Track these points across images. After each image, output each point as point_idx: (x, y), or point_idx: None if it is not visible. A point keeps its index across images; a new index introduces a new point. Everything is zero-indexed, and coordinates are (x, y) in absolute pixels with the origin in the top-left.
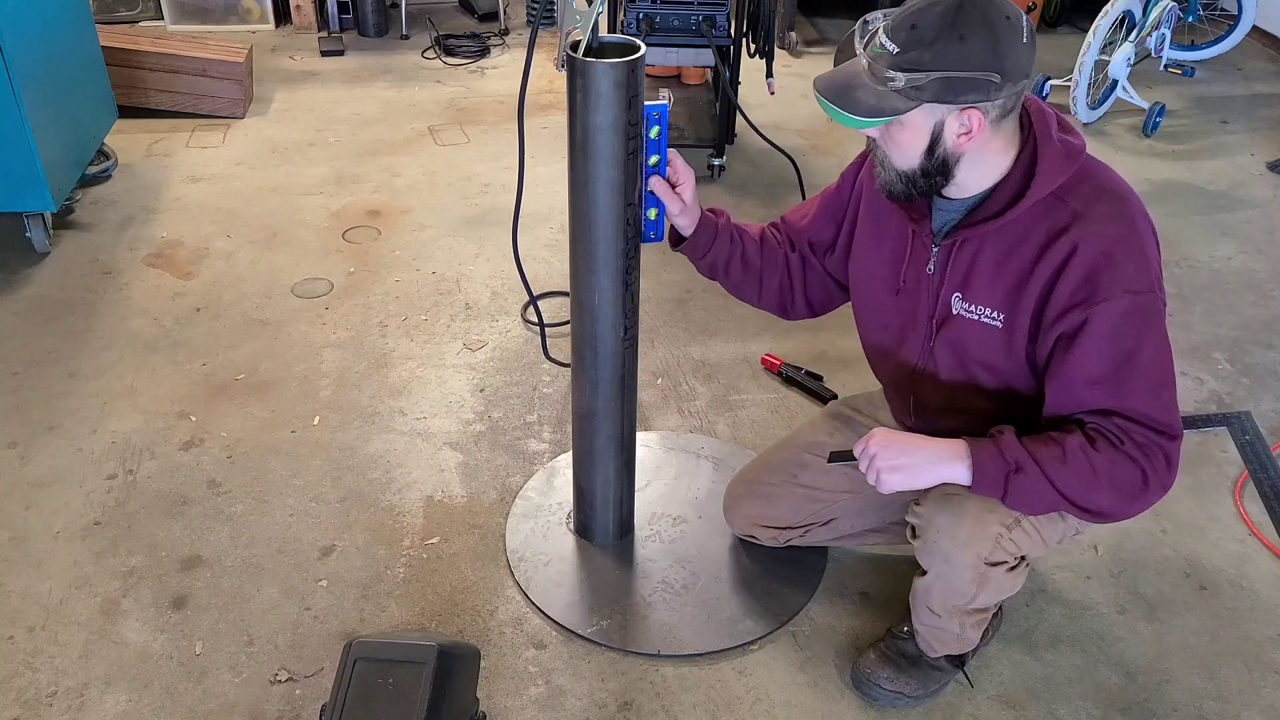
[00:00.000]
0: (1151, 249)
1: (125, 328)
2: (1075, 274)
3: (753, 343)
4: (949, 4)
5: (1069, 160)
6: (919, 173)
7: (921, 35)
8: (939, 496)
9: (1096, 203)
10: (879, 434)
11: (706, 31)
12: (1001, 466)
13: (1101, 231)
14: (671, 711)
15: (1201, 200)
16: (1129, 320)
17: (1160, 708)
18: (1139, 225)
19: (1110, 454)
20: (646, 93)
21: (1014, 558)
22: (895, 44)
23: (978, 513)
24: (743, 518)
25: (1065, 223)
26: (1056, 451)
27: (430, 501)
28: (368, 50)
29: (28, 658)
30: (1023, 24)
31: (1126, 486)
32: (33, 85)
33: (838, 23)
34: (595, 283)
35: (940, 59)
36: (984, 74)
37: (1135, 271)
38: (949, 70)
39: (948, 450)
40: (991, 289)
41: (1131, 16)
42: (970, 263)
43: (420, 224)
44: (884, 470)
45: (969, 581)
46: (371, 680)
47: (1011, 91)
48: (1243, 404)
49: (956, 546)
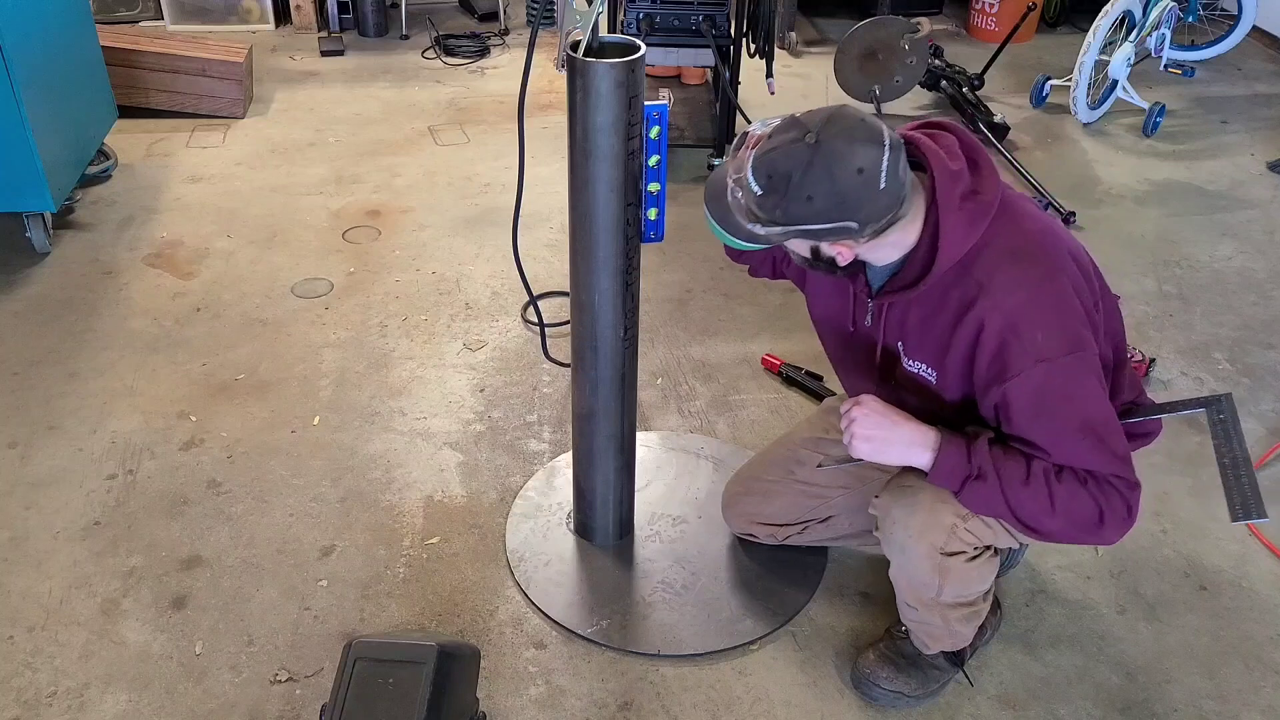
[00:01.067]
0: (1068, 305)
1: (125, 328)
2: (987, 350)
3: (753, 343)
4: (800, 159)
5: (973, 227)
6: (810, 263)
7: (777, 186)
8: (895, 488)
9: (1001, 270)
10: (867, 400)
11: (706, 31)
12: (963, 469)
13: (1006, 303)
14: (671, 711)
15: (1201, 200)
16: (1049, 389)
17: (1160, 708)
18: (1049, 286)
19: (1072, 487)
20: (646, 93)
21: (972, 548)
22: (758, 184)
23: (931, 504)
24: (740, 515)
25: (973, 296)
26: (1021, 471)
27: (430, 501)
28: (368, 50)
29: (28, 658)
30: (879, 171)
31: (1080, 521)
32: (33, 85)
33: (838, 23)
34: (595, 283)
35: (793, 218)
36: (839, 224)
37: (1046, 339)
38: (804, 225)
39: (920, 437)
40: (922, 348)
41: (1131, 16)
42: (900, 321)
43: (420, 224)
44: (857, 436)
45: (928, 572)
46: (371, 680)
47: (876, 227)
48: (1243, 403)
49: (911, 537)
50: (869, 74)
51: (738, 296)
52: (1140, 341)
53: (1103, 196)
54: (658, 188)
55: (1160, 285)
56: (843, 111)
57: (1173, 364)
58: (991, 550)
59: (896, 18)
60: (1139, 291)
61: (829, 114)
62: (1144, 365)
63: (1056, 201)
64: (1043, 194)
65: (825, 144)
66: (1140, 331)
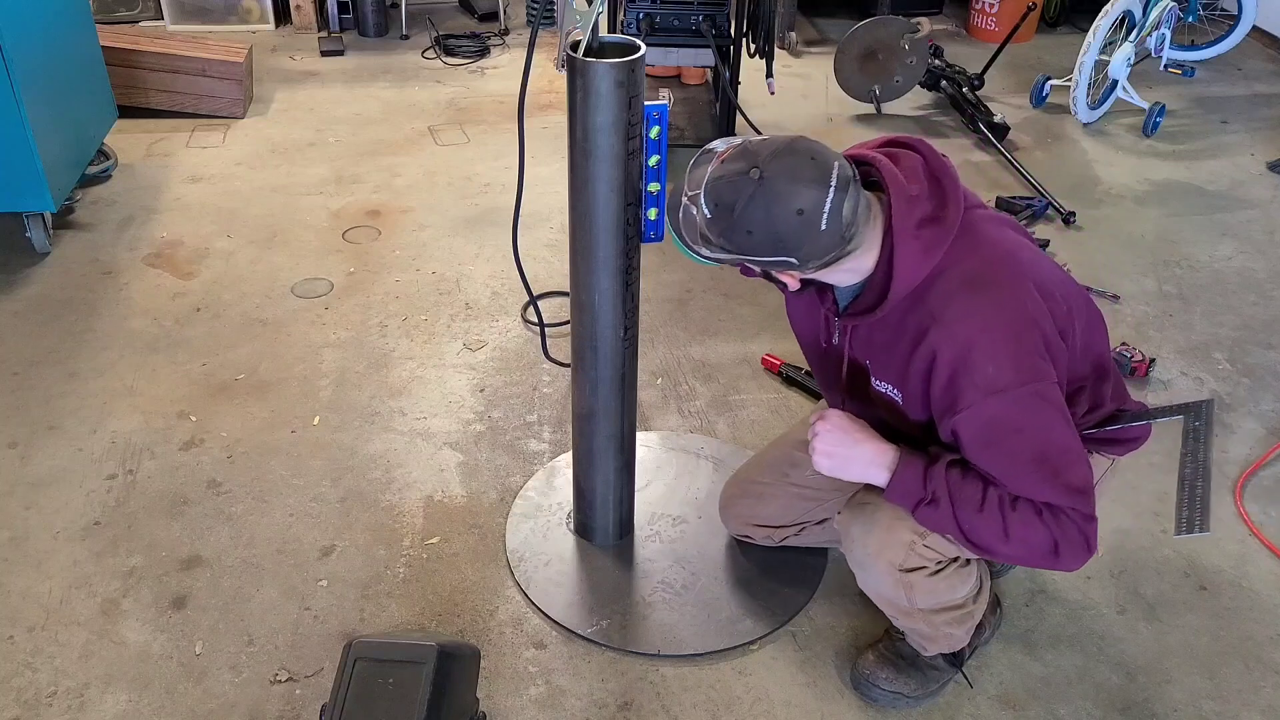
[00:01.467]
0: (1022, 333)
1: (125, 328)
2: (940, 380)
3: (753, 343)
4: (744, 193)
5: (929, 254)
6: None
7: (722, 215)
8: (855, 505)
9: (954, 299)
10: (831, 415)
11: (706, 31)
12: (917, 492)
13: (956, 334)
14: (671, 711)
15: (1201, 200)
16: (1001, 420)
17: (1160, 708)
18: (1003, 315)
19: (1026, 515)
20: (646, 93)
21: (934, 563)
22: (707, 209)
23: (889, 521)
24: (736, 517)
25: (925, 325)
26: (976, 498)
27: (430, 501)
28: (368, 50)
29: (28, 658)
30: (821, 214)
31: (1034, 549)
32: (33, 85)
33: (838, 23)
34: (595, 283)
35: (736, 246)
36: (778, 259)
37: (996, 371)
38: (746, 255)
39: (880, 458)
40: (887, 370)
41: (1131, 16)
42: (865, 343)
43: (420, 224)
44: (818, 452)
45: (891, 586)
46: (371, 680)
47: (819, 262)
48: (1243, 403)
49: (869, 555)
50: (869, 74)
51: (738, 296)
52: (1140, 341)
53: (1103, 196)
54: (658, 188)
55: (1160, 285)
56: (794, 146)
57: (1173, 364)
58: (960, 561)
59: (896, 18)
60: (1139, 291)
61: (779, 148)
62: (1144, 365)
63: (1056, 201)
64: (1043, 194)
65: (768, 181)
66: (1140, 331)
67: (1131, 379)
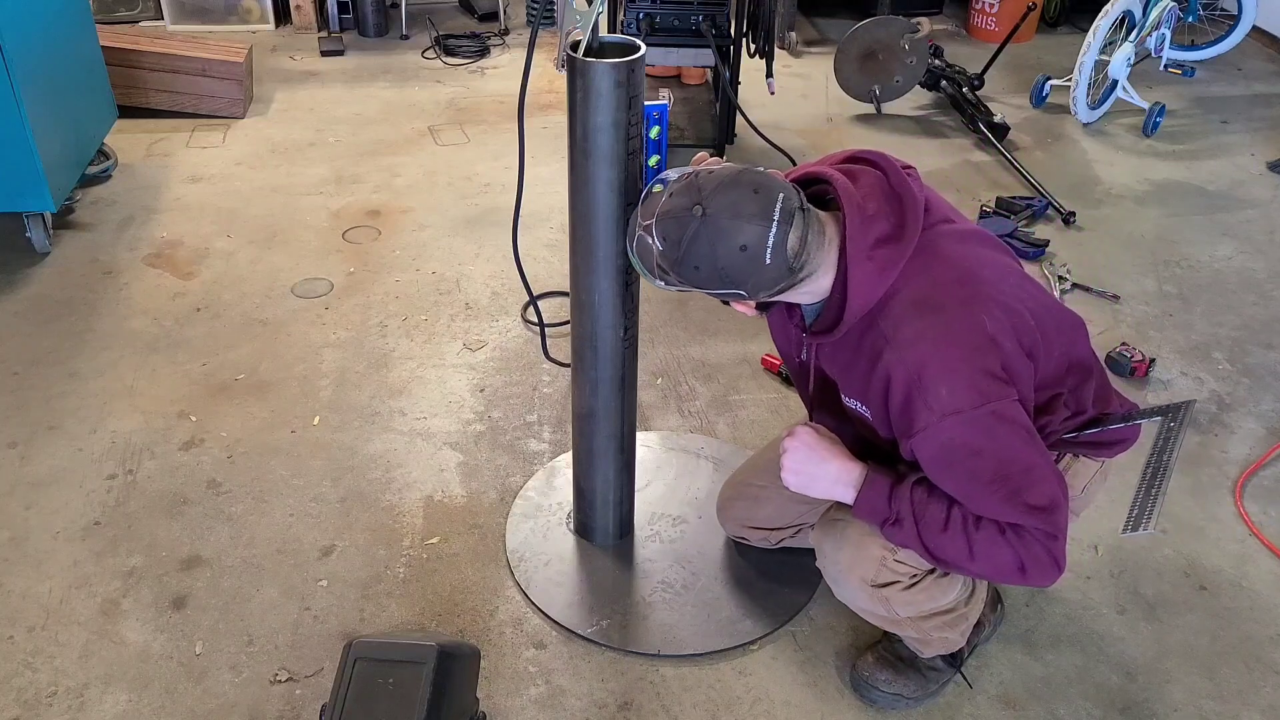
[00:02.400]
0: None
1: (125, 328)
2: (895, 402)
3: (753, 343)
4: (688, 230)
5: (883, 275)
6: None
7: (670, 249)
8: (826, 521)
9: (906, 322)
10: (800, 433)
11: (706, 31)
12: (881, 512)
13: (909, 357)
14: (671, 711)
15: (1201, 200)
16: (958, 442)
17: (1160, 708)
18: (956, 336)
19: (990, 535)
20: (646, 93)
21: (907, 577)
22: (658, 241)
23: (858, 538)
24: (733, 519)
25: (880, 348)
26: (941, 517)
27: (430, 501)
28: (368, 50)
29: (28, 658)
30: (765, 249)
31: (999, 568)
32: (33, 85)
33: (838, 23)
34: (595, 283)
35: (685, 280)
36: (727, 291)
37: (950, 393)
38: (696, 288)
39: (846, 476)
40: (852, 388)
41: (1131, 16)
42: (830, 360)
43: (420, 224)
44: (786, 469)
45: (867, 600)
46: (371, 680)
47: (769, 292)
48: (1243, 403)
49: (841, 571)
50: (869, 74)
51: None
52: (1140, 341)
53: (1103, 196)
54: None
55: (1160, 285)
56: (739, 179)
57: (1173, 364)
58: (937, 572)
59: (896, 18)
60: (1139, 291)
61: (722, 181)
62: (1144, 365)
63: (1056, 201)
64: (1043, 194)
65: (711, 219)
66: (1140, 331)
67: (1131, 379)
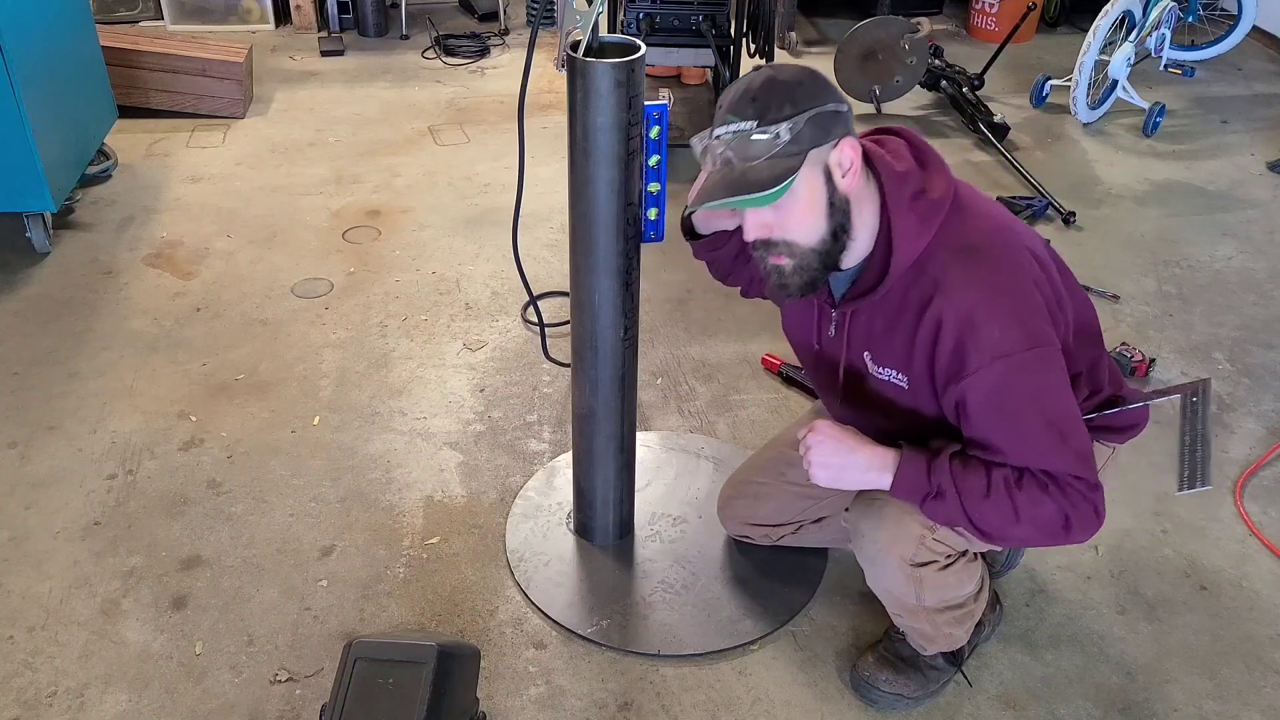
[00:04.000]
0: (1025, 300)
1: (125, 328)
2: (946, 346)
3: (753, 343)
4: (763, 73)
5: (926, 224)
6: (829, 236)
7: (768, 97)
8: (864, 501)
9: (955, 266)
10: (820, 427)
11: (706, 31)
12: (922, 487)
13: (961, 300)
14: (671, 711)
15: (1201, 200)
16: (1008, 385)
17: (1160, 708)
18: (1006, 281)
19: (1034, 493)
20: (646, 93)
21: (944, 556)
22: (749, 120)
23: (898, 516)
24: (734, 518)
25: (929, 294)
26: (981, 484)
27: (430, 501)
28: (368, 50)
29: (28, 658)
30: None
31: (1046, 526)
32: (33, 85)
33: (838, 23)
34: (595, 283)
35: (799, 102)
36: (833, 104)
37: (1002, 334)
38: (811, 107)
39: (878, 460)
40: (889, 353)
41: (1131, 16)
42: (866, 329)
43: (420, 224)
44: (814, 464)
45: (902, 582)
46: (371, 680)
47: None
48: (1243, 403)
49: (880, 550)
50: (869, 74)
51: (737, 296)
52: (1140, 341)
53: (1103, 196)
54: (658, 188)
55: (1160, 285)
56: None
57: (1173, 364)
58: (969, 555)
59: (896, 18)
60: (1139, 291)
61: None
62: (1144, 365)
63: (1056, 201)
64: (1043, 194)
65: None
66: (1140, 331)
67: (1132, 379)
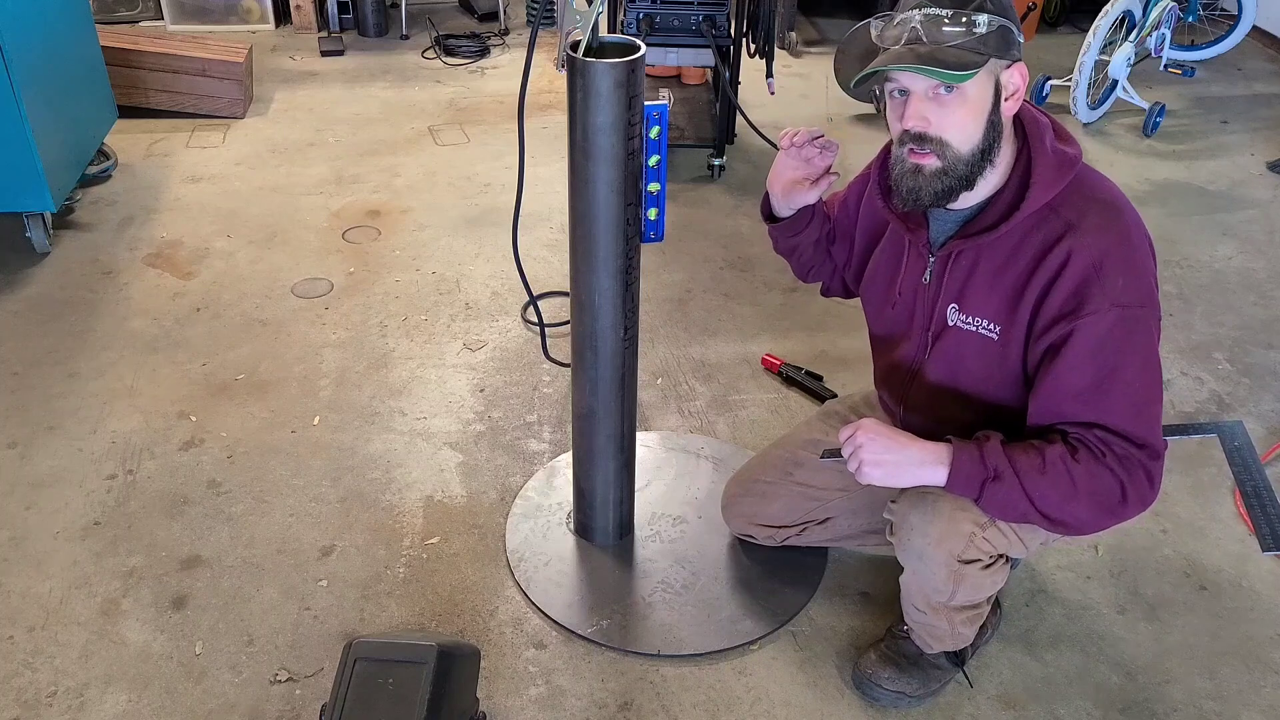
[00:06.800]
0: (1146, 262)
1: (125, 328)
2: (1067, 284)
3: (753, 343)
4: None
5: (1063, 171)
6: (978, 152)
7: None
8: (913, 494)
9: (1090, 213)
10: (868, 425)
11: (706, 31)
12: (980, 472)
13: (1095, 242)
14: (671, 711)
15: (1201, 200)
16: (1115, 334)
17: (1160, 708)
18: (1133, 238)
19: (1090, 465)
20: (646, 93)
21: (989, 556)
22: (945, 8)
23: (950, 511)
24: (739, 517)
25: (1059, 233)
26: (1037, 461)
27: (430, 501)
28: (368, 50)
29: (28, 658)
30: None
31: (1104, 499)
32: (33, 85)
33: (838, 23)
34: (595, 283)
35: (995, 7)
36: (1018, 28)
37: (1125, 285)
38: (1006, 17)
39: (930, 454)
40: (987, 300)
41: (1131, 16)
42: (967, 274)
43: (420, 224)
44: (866, 463)
45: (944, 579)
46: (371, 680)
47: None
48: (1243, 403)
49: (929, 544)
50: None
51: (738, 296)
52: None
53: None
54: (658, 188)
55: (1160, 285)
56: None
57: (1173, 364)
58: (1004, 558)
59: None
60: None
61: None
62: None
63: None
64: None
65: None
66: None
67: None
